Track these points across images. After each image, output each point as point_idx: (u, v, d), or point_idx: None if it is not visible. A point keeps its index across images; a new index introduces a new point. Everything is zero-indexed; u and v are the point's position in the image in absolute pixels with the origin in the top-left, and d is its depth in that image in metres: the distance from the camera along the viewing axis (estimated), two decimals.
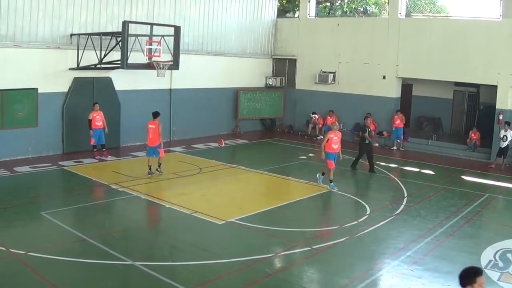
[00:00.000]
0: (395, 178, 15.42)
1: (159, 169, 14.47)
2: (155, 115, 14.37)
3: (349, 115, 22.33)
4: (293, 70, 24.47)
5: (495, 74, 18.28)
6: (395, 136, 20.41)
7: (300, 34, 23.99)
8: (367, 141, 15.85)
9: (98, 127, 15.86)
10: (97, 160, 16.00)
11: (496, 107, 18.47)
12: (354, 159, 16.18)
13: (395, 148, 20.48)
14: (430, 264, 8.62)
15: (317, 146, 21.08)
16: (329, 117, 22.30)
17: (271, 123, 24.80)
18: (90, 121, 15.73)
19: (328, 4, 25.85)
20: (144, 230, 10.15)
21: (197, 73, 20.87)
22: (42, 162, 15.34)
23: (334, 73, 22.77)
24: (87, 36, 16.36)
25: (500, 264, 8.71)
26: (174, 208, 11.39)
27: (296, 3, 24.94)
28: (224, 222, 10.55)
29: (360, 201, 12.51)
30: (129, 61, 15.24)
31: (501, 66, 18.09)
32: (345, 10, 25.21)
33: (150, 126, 14.25)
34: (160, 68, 16.00)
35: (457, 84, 21.60)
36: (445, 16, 20.82)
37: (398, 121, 20.03)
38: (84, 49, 16.23)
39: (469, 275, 4.38)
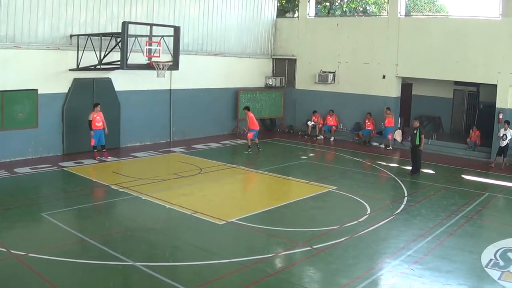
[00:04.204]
0: (395, 177, 15.43)
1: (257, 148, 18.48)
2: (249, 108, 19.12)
3: (349, 114, 22.35)
4: (293, 70, 24.46)
5: (495, 73, 18.27)
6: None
7: (299, 34, 23.99)
8: (417, 143, 15.54)
9: (98, 128, 15.88)
10: (97, 161, 15.99)
11: (496, 106, 18.45)
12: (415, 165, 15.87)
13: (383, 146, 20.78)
14: (430, 263, 8.62)
15: (317, 146, 21.15)
16: (329, 117, 22.37)
17: (271, 123, 24.80)
18: (90, 121, 15.74)
19: (328, 4, 25.84)
20: (145, 231, 10.14)
21: (197, 74, 20.87)
22: (42, 163, 15.34)
23: (334, 73, 22.76)
24: (87, 36, 16.36)
25: (501, 263, 8.70)
26: (175, 208, 11.40)
27: (296, 3, 24.92)
28: (225, 222, 10.55)
29: (361, 200, 12.50)
30: (129, 62, 15.22)
31: (501, 65, 18.08)
32: (344, 10, 25.20)
33: (251, 115, 18.43)
34: (160, 68, 16.00)
35: (457, 83, 21.60)
36: (445, 16, 20.81)
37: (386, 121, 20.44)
38: (84, 50, 16.23)
39: None
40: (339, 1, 25.80)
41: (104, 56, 16.01)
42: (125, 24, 14.96)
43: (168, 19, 19.30)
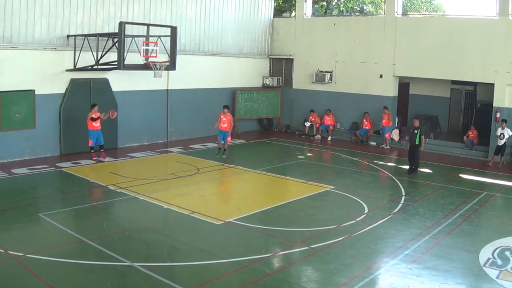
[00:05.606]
0: (393, 177, 15.44)
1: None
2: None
3: (346, 114, 22.36)
4: (290, 70, 24.46)
5: (492, 72, 18.30)
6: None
7: (296, 34, 23.99)
8: (417, 143, 15.58)
9: (96, 128, 15.85)
10: (94, 162, 15.97)
11: (493, 105, 18.49)
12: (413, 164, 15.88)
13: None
14: (428, 263, 8.63)
15: (314, 146, 21.17)
16: (326, 117, 22.38)
17: (268, 123, 24.80)
18: (91, 118, 15.67)
19: (325, 3, 25.88)
20: (143, 231, 10.13)
21: (194, 74, 20.86)
22: (40, 164, 15.30)
23: (331, 72, 22.78)
24: (84, 37, 16.33)
25: (499, 262, 8.72)
26: (172, 208, 11.39)
27: (293, 2, 24.95)
28: (223, 222, 10.55)
29: (358, 200, 12.52)
30: (126, 62, 15.19)
31: (498, 64, 18.11)
32: (341, 10, 25.27)
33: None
34: (157, 68, 15.98)
35: (454, 82, 21.63)
36: (442, 15, 20.85)
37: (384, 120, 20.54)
38: (80, 50, 16.19)
39: None
40: (336, 1, 25.84)
41: (101, 57, 15.98)
42: (122, 24, 14.93)
43: (165, 19, 19.28)
